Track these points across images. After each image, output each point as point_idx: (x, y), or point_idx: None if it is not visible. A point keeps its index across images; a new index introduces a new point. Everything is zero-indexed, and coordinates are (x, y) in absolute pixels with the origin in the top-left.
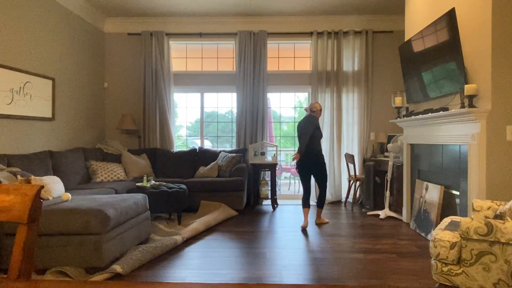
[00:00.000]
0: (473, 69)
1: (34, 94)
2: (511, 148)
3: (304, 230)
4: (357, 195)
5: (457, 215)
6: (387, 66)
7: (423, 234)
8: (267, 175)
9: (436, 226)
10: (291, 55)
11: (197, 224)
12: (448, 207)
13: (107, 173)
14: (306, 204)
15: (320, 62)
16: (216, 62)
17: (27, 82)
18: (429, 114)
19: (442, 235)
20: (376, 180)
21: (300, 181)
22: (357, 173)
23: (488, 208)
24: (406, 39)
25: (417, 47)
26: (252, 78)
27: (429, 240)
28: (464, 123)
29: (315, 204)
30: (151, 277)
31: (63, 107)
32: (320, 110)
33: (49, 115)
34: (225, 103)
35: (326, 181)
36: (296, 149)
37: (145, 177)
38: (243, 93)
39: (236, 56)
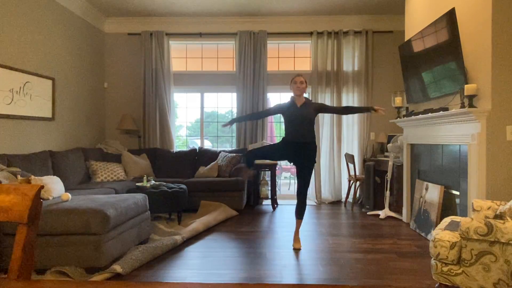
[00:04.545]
0: (473, 69)
1: (34, 94)
2: (511, 148)
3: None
4: (357, 195)
5: (457, 215)
6: (387, 66)
7: (423, 234)
8: (267, 175)
9: (436, 226)
10: (291, 55)
11: (197, 224)
12: (448, 207)
13: (107, 173)
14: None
15: (320, 62)
16: (216, 62)
17: (27, 82)
18: (429, 114)
19: (442, 235)
20: (376, 180)
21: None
22: (357, 173)
23: (488, 208)
24: (406, 39)
25: (417, 47)
26: (252, 78)
27: (429, 240)
28: (464, 123)
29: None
30: (151, 277)
31: (63, 107)
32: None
33: (49, 115)
34: (225, 103)
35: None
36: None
37: (145, 177)
38: (243, 93)
39: (236, 56)
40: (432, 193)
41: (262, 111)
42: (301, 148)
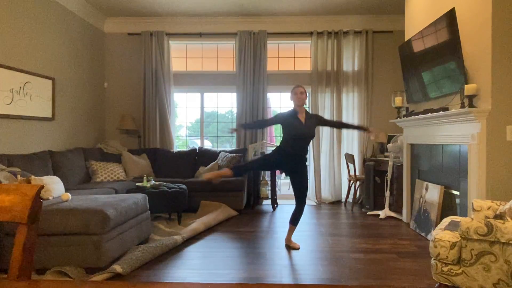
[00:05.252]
0: (473, 69)
1: (34, 94)
2: (511, 148)
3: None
4: (357, 195)
5: (457, 215)
6: (387, 66)
7: (423, 234)
8: (267, 175)
9: (436, 226)
10: (291, 55)
11: (197, 224)
12: (448, 207)
13: (107, 173)
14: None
15: (320, 62)
16: (216, 62)
17: (27, 82)
18: (429, 114)
19: (442, 235)
20: (376, 180)
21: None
22: (357, 173)
23: (488, 208)
24: (406, 39)
25: (417, 47)
26: (252, 78)
27: (429, 240)
28: (464, 123)
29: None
30: (151, 277)
31: (63, 107)
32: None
33: (49, 115)
34: (225, 103)
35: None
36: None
37: (145, 177)
38: (243, 93)
39: (236, 56)
40: (432, 193)
41: (265, 120)
42: (299, 160)
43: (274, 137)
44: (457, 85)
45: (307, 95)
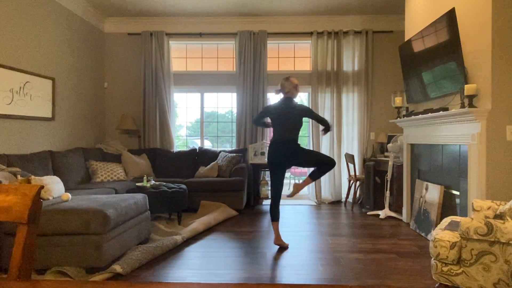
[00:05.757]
0: (473, 69)
1: (34, 94)
2: (511, 148)
3: (282, 248)
4: (357, 195)
5: (457, 215)
6: (387, 66)
7: (423, 234)
8: (267, 175)
9: (436, 226)
10: (291, 55)
11: (197, 224)
12: (448, 207)
13: (107, 173)
14: (276, 216)
15: (320, 62)
16: (216, 62)
17: (27, 82)
18: (429, 114)
19: (442, 235)
20: (376, 180)
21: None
22: (357, 173)
23: (488, 208)
24: (406, 39)
25: (417, 47)
26: (252, 78)
27: (429, 240)
28: (464, 123)
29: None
30: (151, 277)
31: (63, 107)
32: (294, 86)
33: (49, 115)
34: (225, 103)
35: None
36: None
37: (145, 177)
38: (243, 93)
39: (236, 56)
40: (432, 193)
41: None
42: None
43: None
44: (457, 85)
45: (284, 88)
